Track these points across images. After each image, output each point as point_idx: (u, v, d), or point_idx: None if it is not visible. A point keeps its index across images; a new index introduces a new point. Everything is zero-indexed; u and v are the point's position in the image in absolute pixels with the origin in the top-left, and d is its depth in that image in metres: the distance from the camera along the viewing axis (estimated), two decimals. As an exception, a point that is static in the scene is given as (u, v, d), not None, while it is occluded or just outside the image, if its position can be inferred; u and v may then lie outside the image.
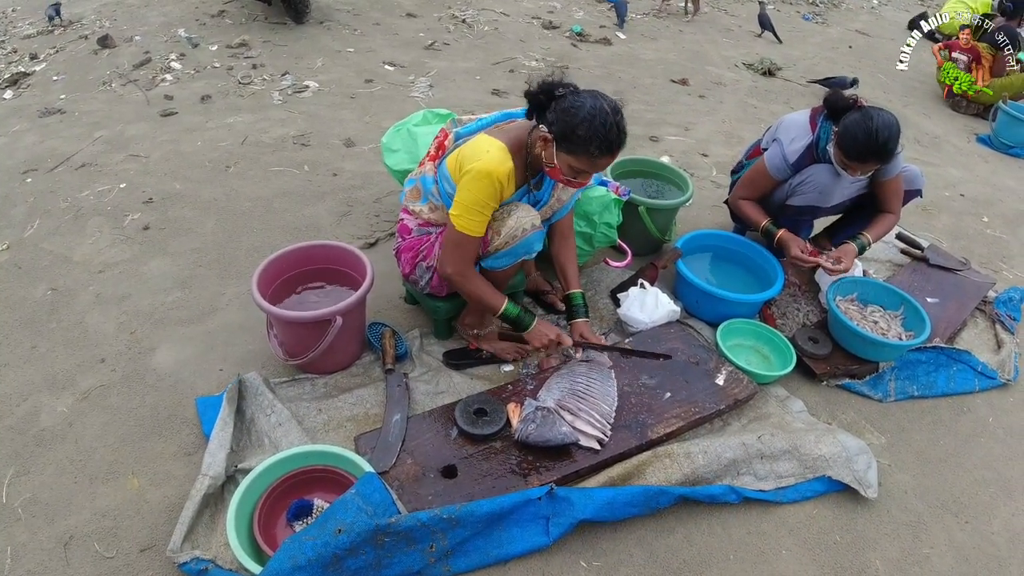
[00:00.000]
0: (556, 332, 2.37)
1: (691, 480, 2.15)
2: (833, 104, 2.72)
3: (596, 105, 1.97)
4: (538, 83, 2.09)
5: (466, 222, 2.09)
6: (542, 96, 2.06)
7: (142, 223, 3.22)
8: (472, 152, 2.08)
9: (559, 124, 2.00)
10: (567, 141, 2.00)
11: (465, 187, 2.07)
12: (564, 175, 2.08)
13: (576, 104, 1.98)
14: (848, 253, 2.83)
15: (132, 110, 4.35)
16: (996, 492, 2.43)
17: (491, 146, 2.07)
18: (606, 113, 1.97)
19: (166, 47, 5.28)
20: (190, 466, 2.11)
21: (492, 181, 2.04)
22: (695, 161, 4.40)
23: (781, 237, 2.91)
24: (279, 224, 3.29)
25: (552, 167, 2.09)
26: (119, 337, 2.59)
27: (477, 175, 2.03)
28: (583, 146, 1.98)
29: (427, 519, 1.79)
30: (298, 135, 4.12)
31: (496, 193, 2.08)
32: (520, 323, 2.33)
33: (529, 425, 2.12)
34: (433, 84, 5.06)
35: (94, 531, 1.93)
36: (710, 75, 6.13)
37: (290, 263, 2.46)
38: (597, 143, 1.97)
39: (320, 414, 2.27)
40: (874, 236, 2.90)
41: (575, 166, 2.04)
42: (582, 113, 1.96)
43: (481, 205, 2.08)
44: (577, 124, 1.97)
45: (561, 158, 2.05)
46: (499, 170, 2.04)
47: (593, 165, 2.03)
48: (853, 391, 2.71)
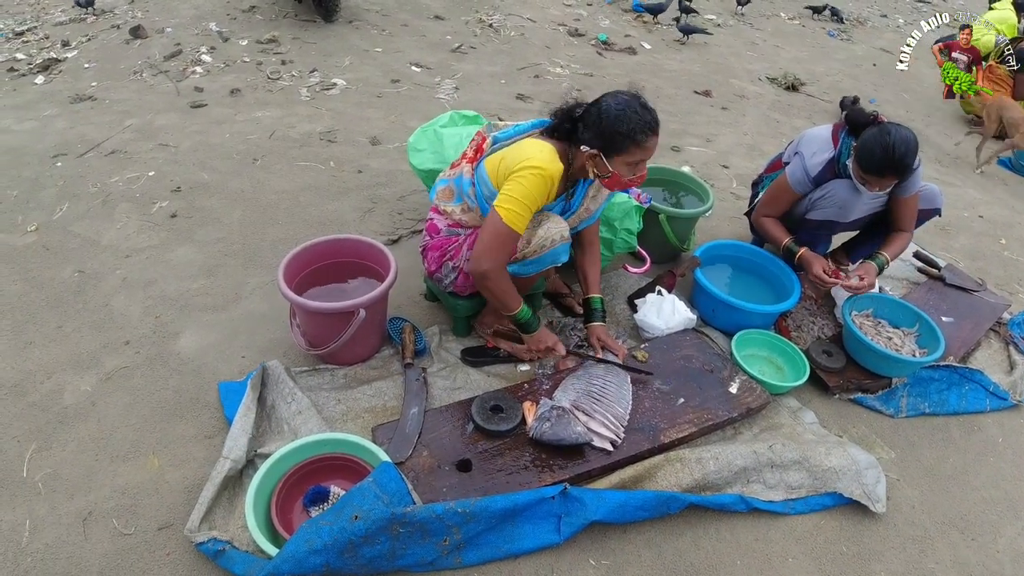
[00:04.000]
0: (554, 340, 2.43)
1: (702, 485, 2.17)
2: (854, 119, 2.74)
3: (619, 100, 2.06)
4: (554, 114, 2.20)
5: (514, 216, 2.09)
6: (567, 124, 2.15)
7: (169, 211, 3.27)
8: (522, 152, 2.12)
9: (597, 136, 2.08)
10: (613, 145, 2.07)
11: (518, 181, 2.08)
12: (625, 177, 2.14)
13: (603, 110, 2.06)
14: (870, 271, 2.85)
15: (162, 100, 4.41)
16: (1003, 511, 2.44)
17: (543, 148, 2.12)
18: (630, 101, 2.06)
19: (197, 40, 5.35)
20: (210, 449, 2.14)
21: (546, 179, 2.08)
22: (716, 172, 4.42)
23: (803, 255, 2.92)
24: (304, 217, 3.33)
25: (609, 177, 2.14)
26: (144, 321, 2.63)
27: (532, 171, 2.06)
28: (630, 139, 2.05)
29: (442, 512, 1.82)
30: (325, 131, 4.17)
31: (546, 192, 2.11)
32: (528, 326, 2.37)
33: (544, 424, 2.15)
34: (459, 87, 5.10)
35: (113, 508, 1.96)
36: (733, 88, 6.15)
37: (316, 255, 2.50)
38: (640, 128, 2.04)
39: (339, 404, 2.31)
40: (891, 255, 2.92)
41: (631, 161, 2.10)
42: (613, 114, 2.04)
43: (531, 201, 2.09)
44: (612, 124, 2.04)
45: (615, 163, 2.10)
46: (552, 169, 2.08)
47: (645, 151, 2.09)
48: (865, 405, 2.72)
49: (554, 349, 2.43)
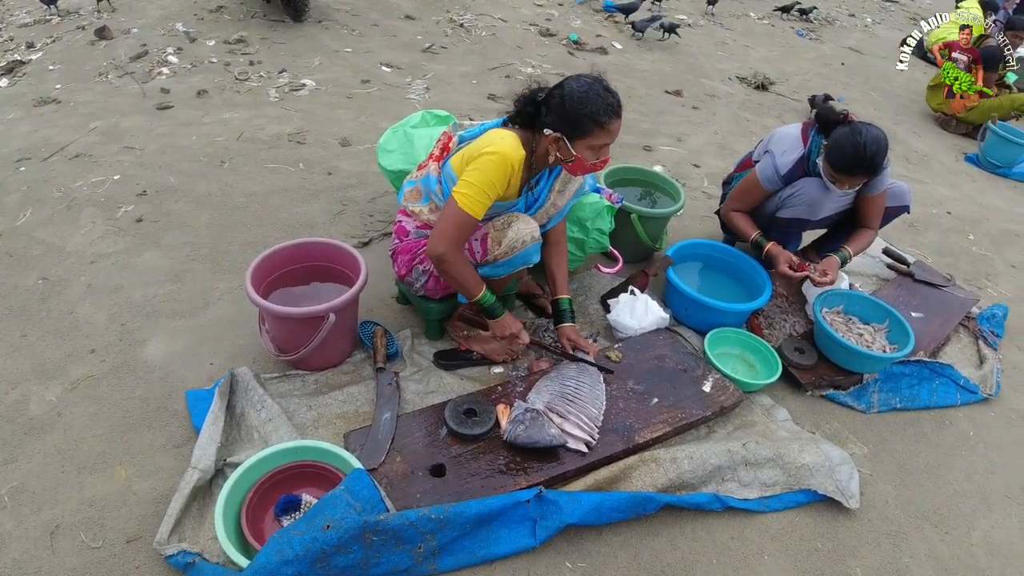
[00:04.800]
0: (518, 327, 2.42)
1: (676, 485, 2.17)
2: (824, 118, 2.77)
3: (581, 83, 2.06)
4: (516, 100, 2.17)
5: (471, 202, 2.08)
6: (529, 108, 2.13)
7: (135, 215, 3.21)
8: (483, 141, 2.12)
9: (560, 119, 2.06)
10: (577, 127, 2.06)
11: (476, 167, 2.08)
12: (588, 161, 2.13)
13: (566, 92, 2.05)
14: (832, 265, 2.88)
15: (128, 102, 4.34)
16: (976, 504, 2.46)
17: (505, 135, 2.11)
18: (592, 84, 2.06)
19: (164, 40, 5.27)
20: (178, 458, 2.11)
21: (506, 166, 2.07)
22: (687, 171, 4.44)
23: (770, 250, 2.95)
24: (273, 220, 3.29)
25: (572, 161, 2.13)
26: (110, 328, 2.58)
27: (491, 157, 2.06)
28: (593, 121, 2.04)
29: (416, 518, 1.79)
30: (294, 133, 4.13)
31: (506, 179, 2.10)
32: (492, 312, 2.36)
33: (518, 426, 2.13)
34: (430, 87, 5.07)
35: (80, 521, 1.92)
36: (704, 87, 6.17)
37: (285, 259, 2.47)
38: (604, 110, 2.03)
39: (310, 410, 2.28)
40: (854, 250, 2.97)
41: (595, 144, 2.09)
42: (576, 96, 2.03)
43: (489, 187, 2.08)
44: (576, 107, 2.03)
45: (579, 147, 2.09)
46: (513, 156, 2.07)
47: (608, 133, 2.08)
48: (837, 402, 2.74)
49: (518, 336, 2.42)
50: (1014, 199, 5.27)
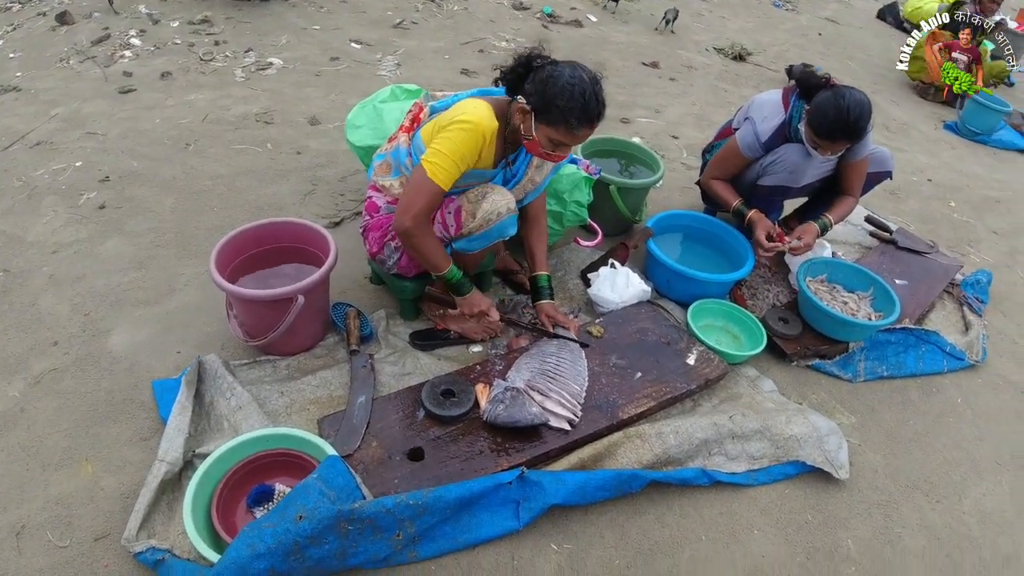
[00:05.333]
0: (487, 305, 2.34)
1: (663, 460, 2.13)
2: (805, 82, 2.70)
3: (575, 75, 1.93)
4: (515, 56, 2.05)
5: (439, 170, 2.00)
6: (520, 69, 2.02)
7: (98, 202, 3.11)
8: (457, 109, 2.03)
9: (537, 95, 1.96)
10: (546, 112, 1.95)
11: (447, 136, 1.99)
12: (543, 148, 2.03)
13: (555, 74, 1.94)
14: (809, 231, 2.83)
15: (90, 87, 4.21)
16: (966, 472, 2.44)
17: (477, 103, 2.03)
18: (585, 83, 1.92)
19: (126, 23, 5.12)
20: (146, 451, 2.03)
21: (477, 135, 1.98)
22: (666, 143, 4.39)
23: (751, 218, 2.90)
24: (240, 203, 3.20)
25: (531, 140, 2.04)
26: (73, 319, 2.49)
27: (461, 125, 1.98)
28: (562, 117, 1.93)
29: (393, 505, 1.73)
30: (261, 113, 4.02)
31: (477, 148, 2.02)
32: (459, 289, 2.28)
33: (498, 406, 2.08)
34: (401, 63, 4.97)
35: (47, 520, 1.86)
36: (681, 58, 6.12)
37: (250, 241, 2.38)
38: (576, 114, 1.92)
39: (282, 397, 2.21)
40: (835, 217, 2.91)
41: (554, 138, 1.99)
42: (560, 83, 1.92)
43: (458, 157, 2.00)
44: (556, 94, 1.92)
45: (540, 130, 2.00)
46: (486, 125, 1.99)
47: (573, 137, 1.99)
48: (823, 371, 2.71)
49: (487, 313, 2.34)
50: (993, 166, 5.28)
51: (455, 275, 2.23)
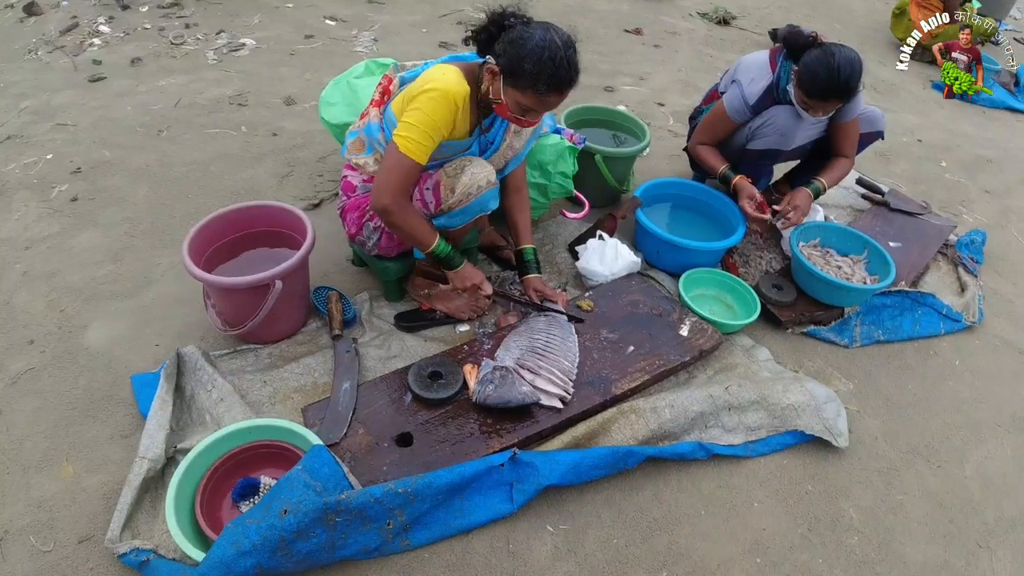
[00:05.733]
0: (480, 278, 2.27)
1: (658, 435, 2.08)
2: (792, 42, 2.63)
3: (546, 37, 1.84)
4: (488, 14, 1.95)
5: (412, 144, 1.92)
6: (492, 27, 1.93)
7: (70, 194, 3.03)
8: (425, 77, 1.94)
9: (506, 56, 1.87)
10: (513, 75, 1.87)
11: (417, 107, 1.91)
12: (512, 112, 1.95)
13: (525, 36, 1.85)
14: (801, 197, 2.77)
15: (59, 77, 4.10)
16: (967, 436, 2.41)
17: (446, 70, 1.94)
18: (556, 47, 1.83)
19: (94, 11, 4.98)
20: (127, 449, 1.98)
21: (448, 102, 1.90)
22: (651, 111, 4.30)
23: (736, 184, 2.83)
24: (216, 188, 3.12)
25: (499, 103, 1.96)
26: (49, 316, 2.42)
27: (432, 94, 1.89)
28: (530, 81, 1.85)
29: (381, 495, 1.67)
30: (235, 95, 3.92)
31: (450, 117, 1.94)
32: (450, 262, 2.20)
33: (487, 386, 2.02)
34: (377, 38, 4.86)
35: (30, 524, 1.81)
36: (664, 24, 6.01)
37: (225, 227, 2.30)
38: (545, 79, 1.84)
39: (265, 386, 2.14)
40: (829, 181, 2.84)
41: (522, 103, 1.91)
42: (530, 45, 1.83)
43: (432, 128, 1.92)
44: (524, 57, 1.83)
45: (508, 93, 1.92)
46: (456, 90, 1.90)
47: (541, 103, 1.91)
48: (819, 338, 2.66)
49: (480, 287, 2.27)
50: (983, 124, 5.22)
51: (444, 248, 2.15)
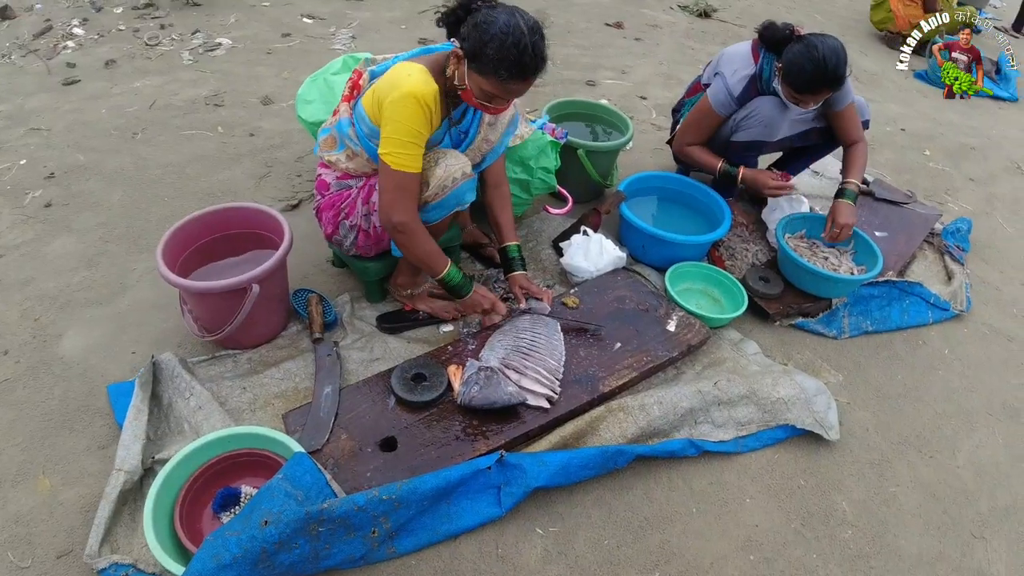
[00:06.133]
0: (492, 301, 2.25)
1: (648, 433, 2.05)
2: (770, 37, 2.61)
3: (510, 22, 1.77)
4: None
5: (401, 158, 1.88)
6: (460, 11, 1.87)
7: (44, 200, 2.96)
8: (390, 81, 1.89)
9: (470, 40, 1.81)
10: (477, 60, 1.81)
11: (391, 118, 1.86)
12: (477, 98, 1.90)
13: (489, 19, 1.78)
14: (845, 211, 2.73)
15: (32, 81, 4.03)
16: (958, 425, 2.39)
17: (411, 70, 1.88)
18: (521, 32, 1.76)
19: (68, 13, 4.92)
20: (104, 461, 1.93)
21: (420, 105, 1.84)
22: (634, 104, 4.27)
23: (745, 175, 2.80)
24: (192, 191, 3.06)
25: (464, 89, 1.90)
26: (23, 325, 2.36)
27: (402, 101, 1.83)
28: (492, 67, 1.79)
29: (364, 502, 1.63)
30: (211, 95, 3.86)
31: (427, 118, 1.88)
32: (460, 290, 2.18)
33: (472, 387, 1.98)
34: (356, 35, 4.82)
35: (7, 539, 1.76)
36: (645, 17, 5.99)
37: (200, 230, 2.24)
38: (507, 65, 1.78)
39: (245, 392, 2.09)
40: (857, 176, 2.79)
41: (485, 88, 1.85)
42: (493, 30, 1.76)
43: (413, 135, 1.87)
44: (487, 41, 1.77)
45: (472, 78, 1.86)
46: (424, 91, 1.84)
47: (504, 90, 1.85)
48: (807, 330, 2.64)
49: (494, 309, 2.25)
50: (966, 112, 5.23)
51: (455, 276, 2.13)
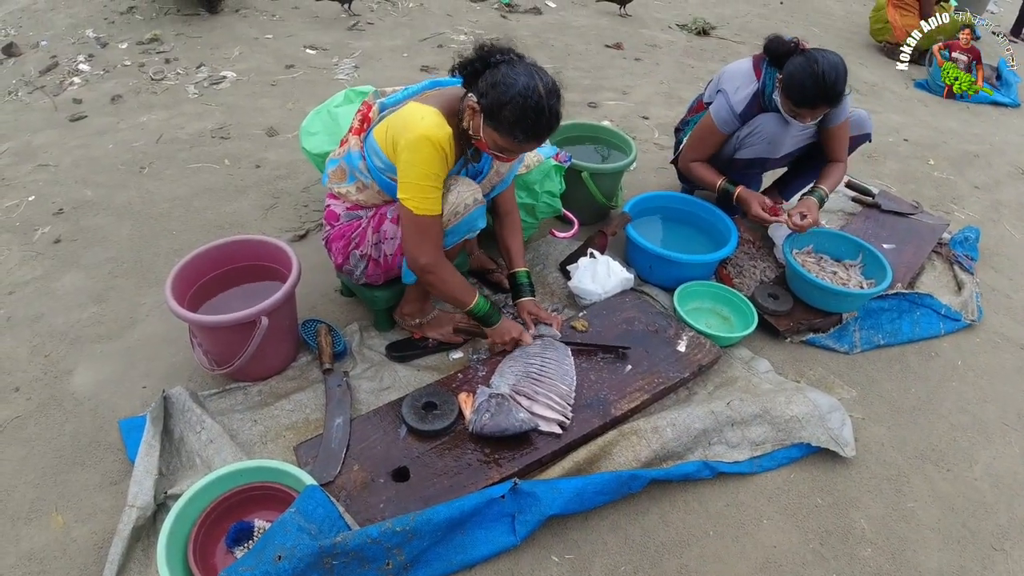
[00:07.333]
0: (519, 331, 2.27)
1: (661, 456, 2.03)
2: (774, 50, 2.61)
3: (530, 85, 1.78)
4: (475, 48, 1.91)
5: (421, 202, 1.90)
6: (478, 63, 1.88)
7: (53, 236, 2.98)
8: (404, 122, 1.90)
9: (488, 98, 1.82)
10: (494, 118, 1.83)
11: (408, 161, 1.87)
12: (491, 149, 1.92)
13: (509, 80, 1.79)
14: (811, 207, 2.73)
15: (40, 118, 4.07)
16: (974, 436, 2.37)
17: (424, 112, 1.89)
18: (539, 96, 1.78)
19: (74, 49, 4.97)
20: (117, 496, 1.92)
21: (435, 148, 1.85)
22: (636, 124, 4.29)
23: (740, 195, 2.80)
24: (200, 223, 3.08)
25: (479, 140, 1.92)
26: (33, 362, 2.36)
27: (417, 143, 1.85)
28: (508, 128, 1.82)
29: (378, 534, 1.62)
30: (216, 128, 3.89)
31: (443, 160, 1.90)
32: (488, 319, 2.21)
33: (483, 415, 1.97)
34: (358, 65, 4.85)
35: (22, 577, 1.74)
36: (644, 37, 6.03)
37: (208, 264, 2.25)
38: (523, 128, 1.81)
39: (256, 425, 2.09)
40: (829, 187, 2.82)
41: (500, 144, 1.88)
42: (512, 91, 1.78)
43: (432, 178, 1.89)
44: (506, 103, 1.79)
45: (487, 133, 1.88)
46: (439, 135, 1.86)
47: (519, 148, 1.89)
48: (818, 345, 2.63)
49: (520, 340, 2.26)
50: (968, 120, 5.23)
51: (484, 306, 2.17)
